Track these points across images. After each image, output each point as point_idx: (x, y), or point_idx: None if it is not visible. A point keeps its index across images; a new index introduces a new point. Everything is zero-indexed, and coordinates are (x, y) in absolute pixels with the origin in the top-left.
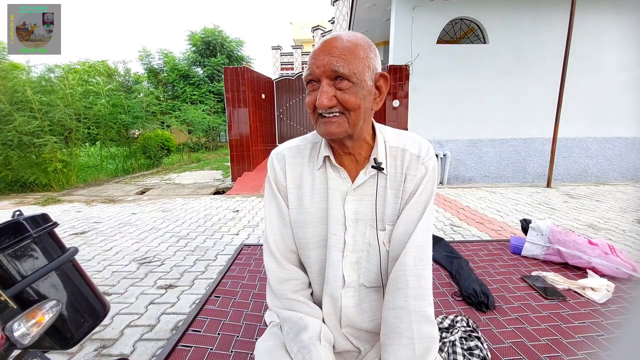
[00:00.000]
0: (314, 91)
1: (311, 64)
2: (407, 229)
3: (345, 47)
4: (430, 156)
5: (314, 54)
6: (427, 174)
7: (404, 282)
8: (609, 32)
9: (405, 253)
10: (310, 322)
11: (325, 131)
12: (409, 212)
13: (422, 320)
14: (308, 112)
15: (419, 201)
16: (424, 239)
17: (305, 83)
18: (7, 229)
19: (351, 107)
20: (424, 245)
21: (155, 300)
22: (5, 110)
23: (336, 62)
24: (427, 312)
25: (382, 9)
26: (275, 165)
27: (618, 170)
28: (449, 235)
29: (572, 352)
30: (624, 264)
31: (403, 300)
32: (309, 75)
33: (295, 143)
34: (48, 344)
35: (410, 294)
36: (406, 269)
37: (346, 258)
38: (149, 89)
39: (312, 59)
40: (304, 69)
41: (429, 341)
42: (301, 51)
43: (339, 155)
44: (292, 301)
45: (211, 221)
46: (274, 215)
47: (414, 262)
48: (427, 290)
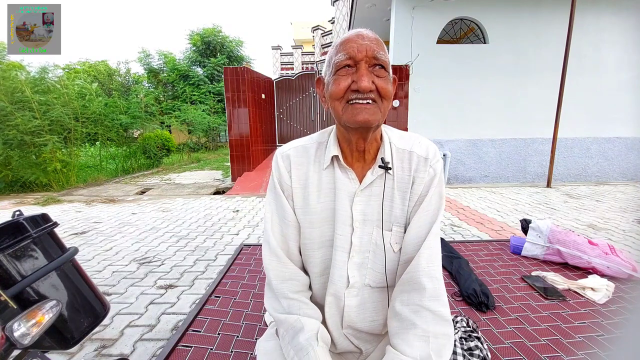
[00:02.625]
0: (346, 76)
1: (349, 48)
2: (420, 232)
3: (378, 40)
4: (437, 159)
5: (349, 40)
6: (435, 177)
7: (419, 283)
8: (609, 32)
9: (420, 255)
10: (307, 322)
11: (359, 118)
12: (421, 216)
13: (438, 319)
14: (329, 101)
15: (431, 204)
16: (435, 241)
17: (335, 69)
18: (7, 229)
19: (385, 95)
20: (434, 247)
21: (155, 300)
22: (6, 109)
23: (377, 48)
24: (442, 312)
25: (382, 9)
26: (280, 165)
27: (618, 170)
28: (449, 235)
29: (572, 352)
30: (624, 264)
31: (419, 300)
32: (347, 59)
33: (300, 142)
34: (48, 344)
35: (426, 294)
36: (420, 269)
37: (352, 259)
38: (148, 89)
39: (347, 43)
40: (303, 69)
41: (445, 339)
42: (301, 51)
43: (347, 155)
44: (292, 301)
45: (211, 221)
46: (276, 215)
47: (426, 264)
48: (440, 291)
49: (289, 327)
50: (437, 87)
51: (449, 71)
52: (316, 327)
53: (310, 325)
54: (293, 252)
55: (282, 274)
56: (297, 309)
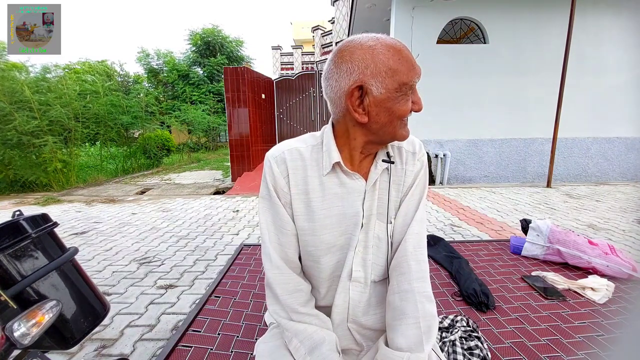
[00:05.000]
0: (407, 96)
1: (418, 72)
2: (406, 219)
3: None
4: (423, 152)
5: (414, 62)
6: (422, 169)
7: (407, 266)
8: (609, 32)
9: (406, 240)
10: (327, 335)
11: (408, 134)
12: (407, 204)
13: (425, 300)
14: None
15: (415, 193)
16: (420, 227)
17: (406, 90)
18: (7, 229)
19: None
20: (421, 233)
21: (155, 300)
22: (5, 110)
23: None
24: (428, 292)
25: (382, 9)
26: (274, 170)
27: (618, 170)
28: (449, 235)
29: (572, 352)
30: (624, 264)
31: (407, 283)
32: (411, 81)
33: (294, 145)
34: (48, 344)
35: (413, 277)
36: (407, 254)
37: (357, 255)
38: (148, 89)
39: (414, 65)
40: (304, 69)
41: (431, 319)
42: (301, 51)
43: (347, 158)
44: (302, 315)
45: (211, 221)
46: (272, 224)
47: (413, 248)
48: (426, 272)
49: (305, 338)
50: (437, 87)
51: (449, 71)
52: (334, 339)
53: (330, 337)
54: (292, 260)
55: (287, 286)
56: (309, 321)
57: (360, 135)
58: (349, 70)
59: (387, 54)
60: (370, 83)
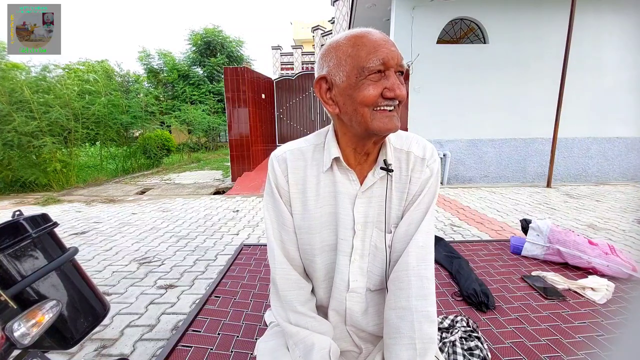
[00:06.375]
0: (378, 82)
1: (382, 54)
2: (409, 229)
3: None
4: (434, 159)
5: (379, 44)
6: (432, 177)
7: (407, 282)
8: (609, 32)
9: (408, 253)
10: (318, 340)
11: (390, 125)
12: (412, 213)
13: (424, 320)
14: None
15: (422, 202)
16: (426, 240)
17: (367, 73)
18: (7, 229)
19: (403, 101)
20: (426, 246)
21: (155, 300)
22: (4, 110)
23: (401, 56)
24: (429, 312)
25: (382, 9)
26: (276, 169)
27: (618, 170)
28: (449, 235)
29: (572, 352)
30: (624, 263)
31: (405, 300)
32: (380, 65)
33: (296, 145)
34: (48, 344)
35: (413, 294)
36: (409, 269)
37: (354, 262)
38: (148, 89)
39: (379, 48)
40: (303, 69)
41: (429, 342)
42: (301, 51)
43: (349, 156)
44: (300, 315)
45: (211, 221)
46: (275, 221)
47: (416, 262)
48: (429, 290)
49: (299, 341)
50: (437, 87)
51: (449, 71)
52: (328, 344)
53: (321, 342)
54: (294, 257)
55: (287, 282)
56: (305, 323)
57: (344, 130)
58: (321, 67)
59: (348, 42)
60: (332, 73)
